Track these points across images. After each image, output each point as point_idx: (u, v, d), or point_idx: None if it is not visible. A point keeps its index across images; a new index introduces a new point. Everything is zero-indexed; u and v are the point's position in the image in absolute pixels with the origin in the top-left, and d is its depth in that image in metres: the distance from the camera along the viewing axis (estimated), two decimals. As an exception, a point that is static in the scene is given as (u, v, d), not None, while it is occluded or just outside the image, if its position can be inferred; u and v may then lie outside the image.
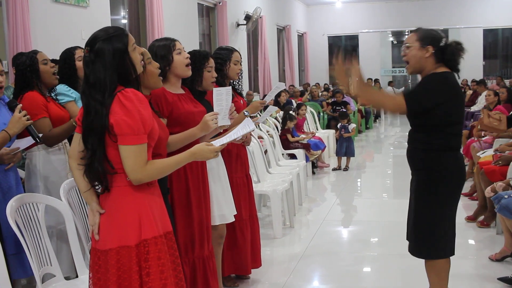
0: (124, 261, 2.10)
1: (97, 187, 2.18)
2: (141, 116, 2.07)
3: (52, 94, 3.56)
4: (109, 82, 2.08)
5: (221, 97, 2.85)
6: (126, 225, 2.12)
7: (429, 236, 3.03)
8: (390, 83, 17.74)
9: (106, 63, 2.09)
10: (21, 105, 3.09)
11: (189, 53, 3.08)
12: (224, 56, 3.69)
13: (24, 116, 3.00)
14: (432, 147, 2.96)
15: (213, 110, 2.87)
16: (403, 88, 17.27)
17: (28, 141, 3.10)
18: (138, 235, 2.11)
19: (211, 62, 3.30)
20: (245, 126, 2.35)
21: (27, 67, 3.37)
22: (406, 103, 2.88)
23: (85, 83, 2.13)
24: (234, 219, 3.46)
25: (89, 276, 2.21)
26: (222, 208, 3.35)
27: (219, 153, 3.36)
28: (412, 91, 2.97)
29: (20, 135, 3.26)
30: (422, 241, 3.07)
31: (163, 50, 2.93)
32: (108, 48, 2.10)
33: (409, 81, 18.95)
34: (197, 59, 3.18)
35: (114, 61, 2.10)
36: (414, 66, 3.00)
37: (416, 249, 3.11)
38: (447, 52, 2.94)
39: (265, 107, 4.28)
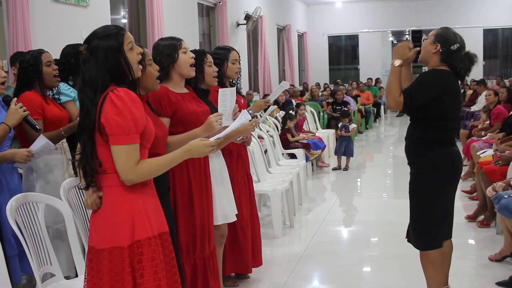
0: (116, 261, 2.09)
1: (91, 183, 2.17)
2: (133, 115, 2.05)
3: (54, 95, 3.54)
4: (101, 81, 2.08)
5: (226, 97, 2.84)
6: (119, 225, 2.10)
7: (422, 228, 3.13)
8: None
9: (99, 61, 2.09)
10: (15, 98, 3.15)
11: None
12: (222, 55, 3.69)
13: (20, 108, 3.04)
14: (425, 141, 3.07)
15: (216, 110, 2.86)
16: None
17: (40, 141, 3.12)
18: (131, 236, 2.10)
19: (209, 57, 3.32)
20: (241, 118, 2.33)
21: (29, 66, 3.36)
22: (403, 101, 3.03)
23: (81, 80, 2.13)
24: (236, 219, 3.46)
25: (85, 274, 2.21)
26: (225, 208, 3.35)
27: (219, 152, 3.38)
28: (408, 88, 3.08)
29: (22, 133, 3.28)
30: (416, 233, 3.17)
31: (169, 48, 2.92)
32: (102, 46, 2.09)
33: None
34: (195, 57, 3.19)
35: (106, 59, 2.09)
36: (422, 56, 3.17)
37: (413, 239, 3.21)
38: (453, 57, 3.05)
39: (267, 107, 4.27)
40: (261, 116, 3.79)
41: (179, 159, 2.18)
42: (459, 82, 3.15)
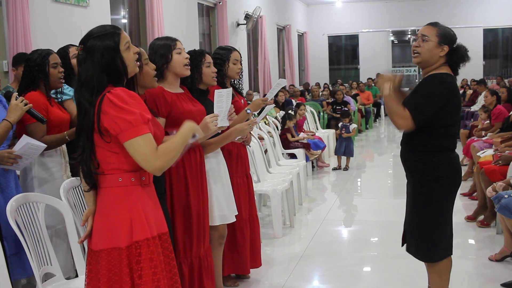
0: (115, 262, 2.08)
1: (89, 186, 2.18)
2: (136, 108, 2.02)
3: (57, 94, 3.53)
4: (97, 81, 2.06)
5: (222, 98, 2.85)
6: (117, 226, 2.10)
7: (430, 240, 3.01)
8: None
9: (95, 61, 2.07)
10: (16, 93, 3.11)
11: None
12: (223, 56, 3.69)
13: (21, 102, 3.01)
14: (427, 149, 2.95)
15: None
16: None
17: (22, 140, 3.07)
18: (129, 237, 2.09)
19: (208, 58, 3.32)
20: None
21: (36, 65, 3.33)
22: (412, 119, 2.86)
23: (78, 81, 2.12)
24: (235, 219, 3.46)
25: (85, 275, 2.21)
26: (223, 208, 3.34)
27: (219, 151, 3.37)
28: (415, 102, 2.91)
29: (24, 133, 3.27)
30: (423, 245, 3.05)
31: (163, 48, 2.94)
32: (98, 46, 2.07)
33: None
34: (193, 57, 3.19)
35: (103, 59, 2.07)
36: (424, 59, 2.96)
37: (418, 252, 3.09)
38: (455, 54, 2.95)
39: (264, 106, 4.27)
40: (258, 115, 3.79)
41: (187, 133, 2.17)
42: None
